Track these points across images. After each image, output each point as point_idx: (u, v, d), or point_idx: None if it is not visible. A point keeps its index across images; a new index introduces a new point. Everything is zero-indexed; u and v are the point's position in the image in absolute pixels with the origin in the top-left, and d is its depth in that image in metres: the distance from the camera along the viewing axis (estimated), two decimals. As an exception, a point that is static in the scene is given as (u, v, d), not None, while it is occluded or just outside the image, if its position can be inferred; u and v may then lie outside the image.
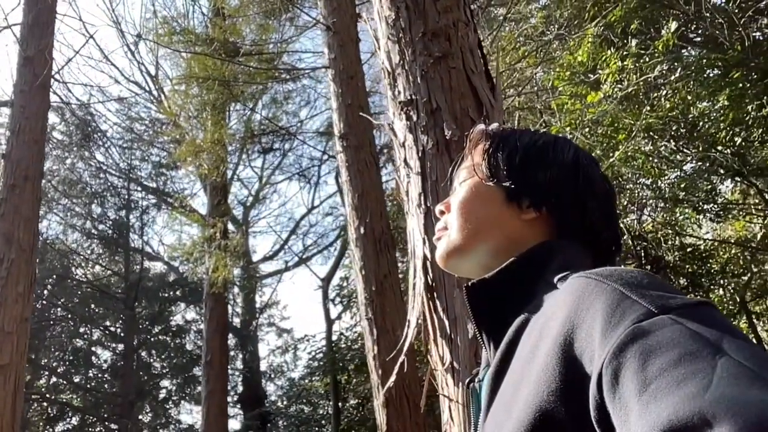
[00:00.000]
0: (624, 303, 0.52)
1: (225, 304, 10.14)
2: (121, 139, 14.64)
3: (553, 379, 0.54)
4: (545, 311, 0.63)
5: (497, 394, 0.65)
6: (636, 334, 0.48)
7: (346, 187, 5.41)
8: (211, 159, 8.48)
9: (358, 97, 5.72)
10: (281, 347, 16.14)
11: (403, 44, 2.51)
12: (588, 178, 0.80)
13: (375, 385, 4.87)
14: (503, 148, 0.83)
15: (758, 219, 9.77)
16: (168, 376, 15.52)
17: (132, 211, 14.90)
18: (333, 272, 12.12)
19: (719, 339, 0.46)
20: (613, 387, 0.47)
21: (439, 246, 0.86)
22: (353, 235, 5.26)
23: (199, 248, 8.77)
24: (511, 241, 0.79)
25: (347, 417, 11.75)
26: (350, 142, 5.47)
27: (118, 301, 14.34)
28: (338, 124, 5.65)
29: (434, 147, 2.25)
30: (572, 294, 0.58)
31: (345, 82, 5.67)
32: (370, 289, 5.03)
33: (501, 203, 0.81)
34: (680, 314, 0.49)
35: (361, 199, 5.26)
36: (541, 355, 0.57)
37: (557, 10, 10.11)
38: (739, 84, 7.17)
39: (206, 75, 7.36)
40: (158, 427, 15.25)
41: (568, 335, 0.55)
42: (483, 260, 0.81)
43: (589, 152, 0.86)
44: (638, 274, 0.56)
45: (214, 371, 9.10)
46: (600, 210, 0.80)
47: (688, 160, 8.05)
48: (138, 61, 13.00)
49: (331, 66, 5.82)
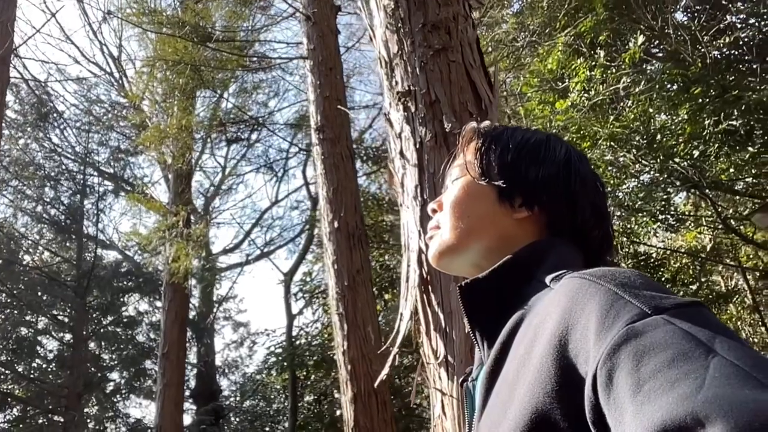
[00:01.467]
0: (617, 303, 0.52)
1: (185, 295, 9.89)
2: (78, 122, 14.10)
3: (549, 380, 0.54)
4: (539, 311, 0.63)
5: (492, 394, 0.65)
6: (629, 335, 0.48)
7: (321, 180, 5.34)
8: (176, 146, 8.25)
9: (336, 89, 5.66)
10: (237, 341, 15.89)
11: (402, 34, 2.48)
12: (580, 176, 0.81)
13: (343, 381, 4.83)
14: (495, 146, 0.83)
15: (709, 231, 10.16)
16: (118, 369, 15.05)
17: (87, 197, 14.36)
18: (296, 267, 11.99)
19: (711, 339, 0.46)
20: (607, 388, 0.47)
21: (431, 245, 0.86)
22: (327, 229, 5.19)
23: (160, 236, 8.51)
24: (504, 240, 0.79)
25: (303, 413, 11.66)
26: (327, 134, 5.41)
27: (68, 289, 13.80)
28: (315, 116, 5.58)
29: (432, 139, 2.23)
30: (566, 294, 0.59)
31: (324, 73, 5.60)
32: (342, 283, 4.98)
33: (493, 202, 0.81)
34: (673, 314, 0.49)
35: (336, 192, 5.21)
36: (537, 356, 0.57)
37: (530, 17, 10.29)
38: (698, 99, 7.45)
39: (177, 58, 7.14)
40: (105, 421, 14.77)
41: (563, 336, 0.55)
42: (475, 259, 0.81)
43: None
44: (632, 275, 0.57)
45: (171, 364, 8.85)
46: (591, 208, 0.80)
47: (646, 170, 8.31)
48: (100, 42, 12.54)
49: (309, 57, 5.74)
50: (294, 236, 13.29)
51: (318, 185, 5.39)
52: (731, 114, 7.48)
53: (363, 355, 4.73)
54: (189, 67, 7.05)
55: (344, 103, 5.70)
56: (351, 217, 5.15)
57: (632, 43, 8.23)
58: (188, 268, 8.37)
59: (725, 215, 8.95)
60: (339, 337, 4.91)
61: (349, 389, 4.73)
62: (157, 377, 9.51)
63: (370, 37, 2.82)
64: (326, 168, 5.28)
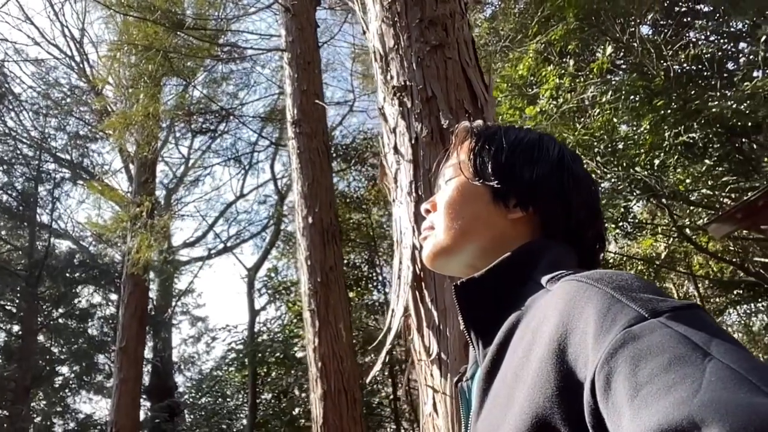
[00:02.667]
0: (615, 307, 0.52)
1: (145, 288, 9.61)
2: (35, 105, 13.52)
3: (548, 384, 0.54)
4: (536, 314, 0.63)
5: (489, 395, 0.65)
6: (626, 338, 0.48)
7: (296, 174, 5.26)
8: (142, 133, 8.01)
9: (314, 84, 5.59)
10: (194, 336, 15.57)
11: (399, 28, 2.47)
12: (573, 176, 0.81)
13: (313, 378, 4.78)
14: (489, 146, 0.83)
15: (664, 239, 10.50)
16: (68, 362, 14.54)
17: (42, 183, 13.80)
18: (261, 262, 11.79)
19: (708, 342, 0.46)
20: (605, 392, 0.47)
21: (425, 246, 0.85)
22: (300, 225, 5.13)
23: (122, 227, 8.24)
24: (498, 240, 0.79)
25: (262, 410, 11.51)
26: (303, 129, 5.34)
27: (18, 278, 13.24)
28: (291, 110, 5.50)
29: (428, 135, 2.22)
30: (564, 298, 0.59)
31: (302, 67, 5.53)
32: (315, 280, 4.92)
33: (487, 203, 0.80)
34: (670, 318, 0.49)
35: (312, 188, 5.15)
36: (535, 359, 0.57)
37: (502, 23, 10.43)
38: (660, 111, 7.71)
39: (147, 43, 6.93)
40: (53, 416, 14.25)
41: (562, 340, 0.55)
42: (470, 260, 0.81)
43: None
44: (629, 278, 0.57)
45: (128, 358, 8.58)
46: (585, 208, 0.80)
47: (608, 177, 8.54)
48: (62, 23, 12.08)
49: (287, 49, 5.66)
50: (259, 231, 13.07)
51: (293, 180, 5.32)
52: (691, 127, 7.76)
53: (334, 352, 4.69)
54: (159, 54, 6.84)
55: (321, 98, 5.65)
56: (326, 213, 5.10)
57: (600, 53, 8.45)
58: (149, 261, 8.14)
59: (681, 224, 9.27)
60: (310, 333, 4.85)
61: (319, 386, 4.68)
62: (113, 372, 9.22)
63: (363, 30, 2.79)
64: (302, 163, 5.21)
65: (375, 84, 2.72)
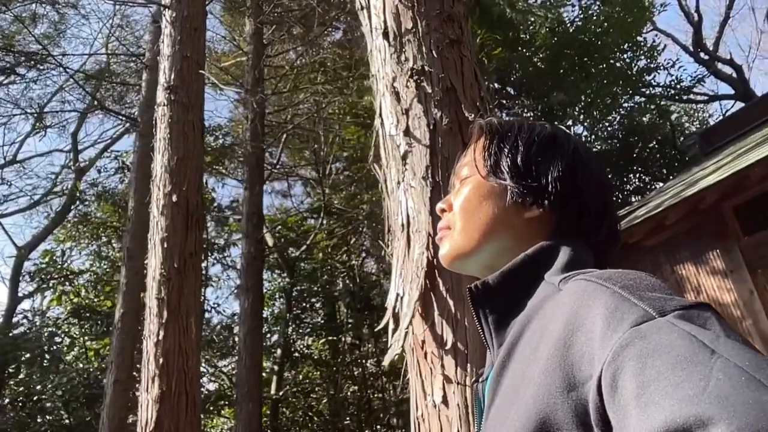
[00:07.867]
0: (622, 306, 0.53)
1: None
2: None
3: (554, 382, 0.54)
4: (546, 313, 0.64)
5: (498, 395, 0.65)
6: (634, 337, 0.49)
7: (163, 144, 4.62)
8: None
9: (198, 53, 5.05)
10: None
11: (417, 13, 2.41)
12: (587, 172, 0.81)
13: (149, 377, 4.13)
14: (504, 144, 0.83)
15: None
16: None
17: None
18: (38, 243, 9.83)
19: (715, 341, 0.46)
20: (612, 390, 0.48)
21: (442, 246, 0.84)
22: (161, 202, 4.47)
23: None
24: (516, 240, 0.79)
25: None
26: (180, 97, 4.75)
27: None
28: (167, 73, 4.86)
29: (448, 125, 2.18)
30: (572, 297, 0.60)
31: (187, 32, 4.96)
32: (170, 265, 4.32)
33: (504, 202, 0.80)
34: (677, 316, 0.50)
35: (181, 163, 4.57)
36: (542, 357, 0.58)
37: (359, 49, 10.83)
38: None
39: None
40: None
41: (568, 339, 0.55)
42: (488, 260, 0.80)
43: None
44: (637, 277, 0.58)
45: None
46: (599, 204, 0.80)
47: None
48: None
49: (171, 7, 5.04)
50: (37, 201, 10.85)
51: (156, 150, 4.64)
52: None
53: (181, 348, 4.13)
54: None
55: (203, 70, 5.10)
56: (193, 194, 4.54)
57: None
58: None
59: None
60: (154, 325, 4.21)
61: (156, 387, 4.07)
62: None
63: (360, 5, 2.66)
64: (173, 134, 4.60)
65: (368, 59, 2.59)
